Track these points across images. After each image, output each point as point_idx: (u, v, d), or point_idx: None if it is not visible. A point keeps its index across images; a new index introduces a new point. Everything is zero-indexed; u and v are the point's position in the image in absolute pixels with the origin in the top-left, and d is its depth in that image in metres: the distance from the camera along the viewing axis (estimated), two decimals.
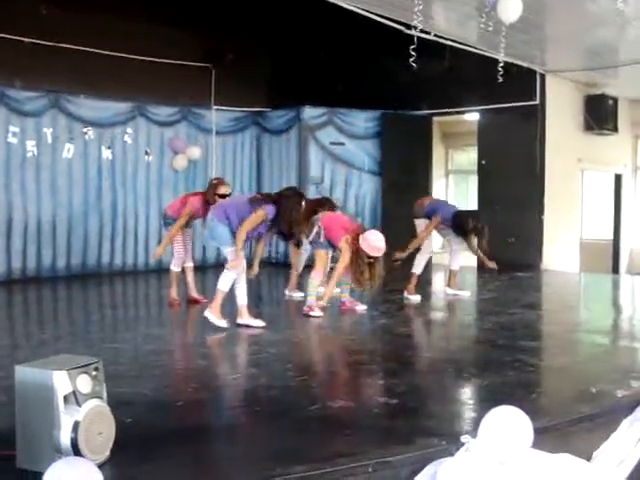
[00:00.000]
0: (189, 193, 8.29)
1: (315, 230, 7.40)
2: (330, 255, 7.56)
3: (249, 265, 6.65)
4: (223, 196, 7.59)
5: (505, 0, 6.45)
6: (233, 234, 6.32)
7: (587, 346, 6.01)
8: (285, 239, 7.02)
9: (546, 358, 5.63)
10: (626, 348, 5.80)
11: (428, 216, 8.08)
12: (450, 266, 8.50)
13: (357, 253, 6.94)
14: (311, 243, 7.61)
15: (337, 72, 12.02)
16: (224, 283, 6.42)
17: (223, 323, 6.37)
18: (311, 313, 7.00)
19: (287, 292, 8.33)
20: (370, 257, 6.89)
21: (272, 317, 6.95)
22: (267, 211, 6.34)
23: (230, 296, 6.48)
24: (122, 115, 10.74)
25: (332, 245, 7.29)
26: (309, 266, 8.07)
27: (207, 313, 6.44)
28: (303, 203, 6.60)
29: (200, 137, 11.60)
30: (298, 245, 7.70)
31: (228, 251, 6.39)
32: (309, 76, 12.10)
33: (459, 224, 7.96)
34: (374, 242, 6.92)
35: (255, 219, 6.31)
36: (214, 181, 7.94)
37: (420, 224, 8.16)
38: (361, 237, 6.93)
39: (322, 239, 7.30)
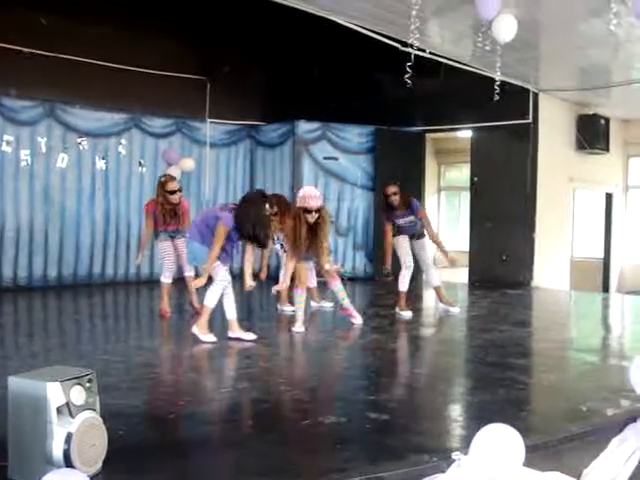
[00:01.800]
0: (149, 201, 8.19)
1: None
2: (311, 267, 7.54)
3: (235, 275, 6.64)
4: (172, 192, 7.66)
5: (500, 20, 6.53)
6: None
7: (577, 364, 6.03)
8: (250, 242, 6.50)
9: (536, 376, 5.64)
10: (616, 366, 5.81)
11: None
12: (431, 284, 8.49)
13: (298, 217, 6.95)
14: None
15: (331, 87, 12.08)
16: (210, 299, 6.41)
17: (211, 338, 6.36)
18: (292, 328, 7.01)
19: (279, 306, 8.34)
20: (308, 211, 6.87)
21: (263, 331, 6.94)
22: (224, 221, 6.24)
23: (221, 309, 6.50)
24: (117, 126, 10.78)
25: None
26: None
27: (194, 329, 6.44)
28: (267, 205, 6.46)
29: (194, 149, 11.64)
30: (262, 246, 6.82)
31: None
32: (303, 91, 12.16)
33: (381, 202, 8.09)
34: (305, 192, 7.00)
35: (218, 235, 6.24)
36: (162, 179, 7.91)
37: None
38: None
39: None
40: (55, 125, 10.14)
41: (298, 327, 7.00)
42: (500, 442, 2.78)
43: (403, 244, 8.13)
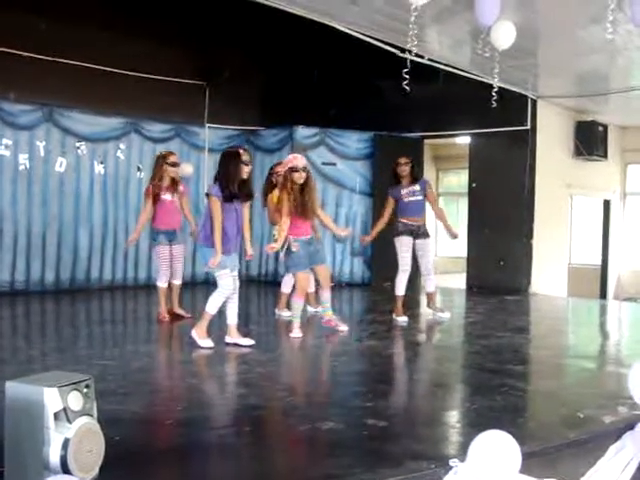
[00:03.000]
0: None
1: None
2: (310, 276, 7.51)
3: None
4: (174, 164, 7.72)
5: (499, 26, 6.54)
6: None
7: (574, 371, 6.03)
8: (240, 200, 6.39)
9: (534, 383, 5.65)
10: (613, 373, 5.82)
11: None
12: (426, 289, 8.36)
13: (285, 180, 6.97)
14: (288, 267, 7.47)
15: (330, 93, 12.09)
16: (212, 305, 6.39)
17: (208, 343, 6.34)
18: (290, 334, 7.01)
19: (276, 311, 8.33)
20: (295, 170, 6.88)
21: (261, 336, 6.94)
22: (212, 192, 6.24)
23: (219, 313, 6.49)
24: (115, 131, 10.77)
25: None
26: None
27: (193, 333, 6.43)
28: (245, 157, 6.33)
29: (193, 154, 11.63)
30: (250, 197, 6.59)
31: (217, 274, 6.32)
32: (302, 96, 12.16)
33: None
34: (288, 157, 7.17)
35: (214, 209, 6.21)
36: (162, 152, 8.00)
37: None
38: None
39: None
40: (54, 129, 10.14)
41: (295, 332, 7.00)
42: (497, 449, 2.79)
43: (405, 244, 8.02)
